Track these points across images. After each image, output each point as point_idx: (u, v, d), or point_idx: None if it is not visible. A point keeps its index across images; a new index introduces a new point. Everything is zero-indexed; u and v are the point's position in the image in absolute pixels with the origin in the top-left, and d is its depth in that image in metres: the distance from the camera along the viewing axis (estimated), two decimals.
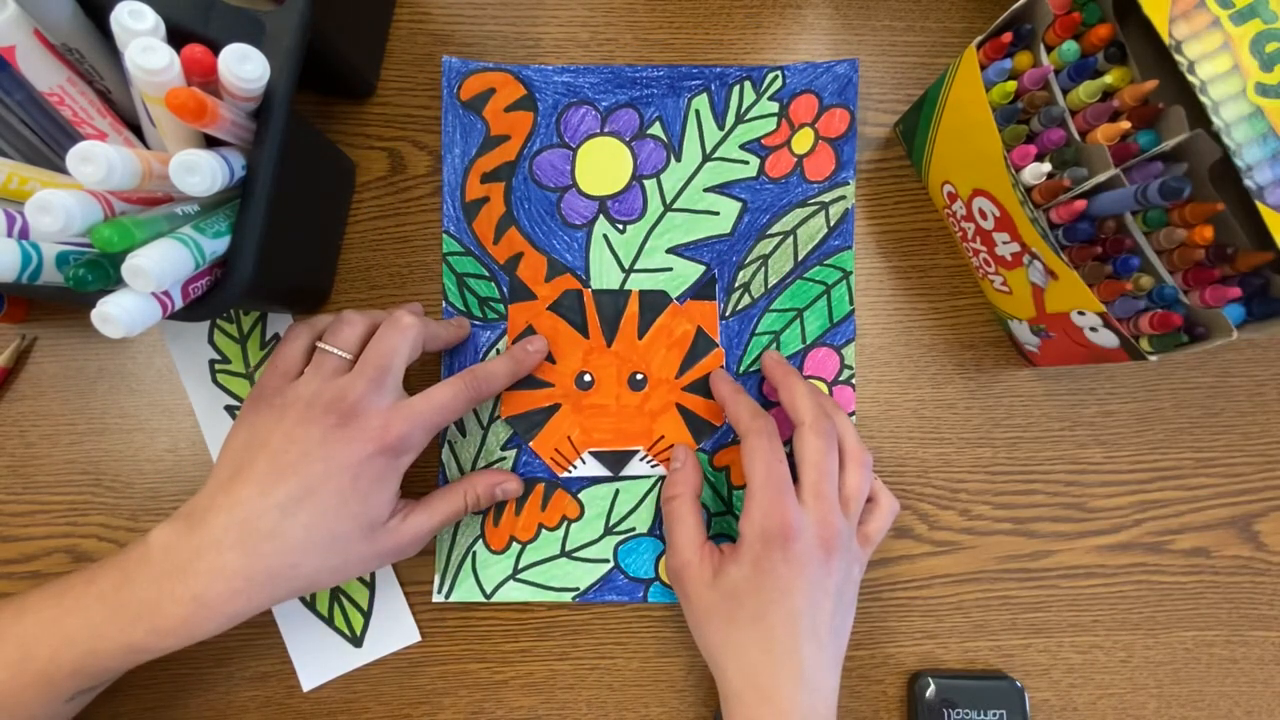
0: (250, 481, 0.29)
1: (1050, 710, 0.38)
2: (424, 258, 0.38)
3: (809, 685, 0.30)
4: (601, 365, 0.38)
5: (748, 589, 0.31)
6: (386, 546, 0.31)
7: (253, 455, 0.30)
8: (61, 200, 0.23)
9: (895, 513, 0.35)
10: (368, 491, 0.30)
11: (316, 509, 0.29)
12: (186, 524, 0.29)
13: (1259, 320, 0.28)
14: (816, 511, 0.32)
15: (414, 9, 0.39)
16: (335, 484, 0.29)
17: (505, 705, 0.37)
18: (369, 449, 0.30)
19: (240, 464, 0.30)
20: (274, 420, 0.30)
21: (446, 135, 0.38)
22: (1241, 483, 0.39)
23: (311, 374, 0.32)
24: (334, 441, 0.30)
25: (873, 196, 0.39)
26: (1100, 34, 0.29)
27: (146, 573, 0.28)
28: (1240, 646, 0.39)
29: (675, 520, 0.35)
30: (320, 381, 0.31)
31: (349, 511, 0.30)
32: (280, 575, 0.29)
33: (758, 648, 0.31)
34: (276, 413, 0.31)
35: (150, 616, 0.28)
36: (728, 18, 0.39)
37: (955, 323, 0.39)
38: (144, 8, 0.25)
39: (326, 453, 0.29)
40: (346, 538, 0.30)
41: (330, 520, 0.29)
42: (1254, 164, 0.25)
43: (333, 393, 0.30)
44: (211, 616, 0.29)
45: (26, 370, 0.38)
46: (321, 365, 0.32)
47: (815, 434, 0.33)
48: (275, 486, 0.29)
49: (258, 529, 0.29)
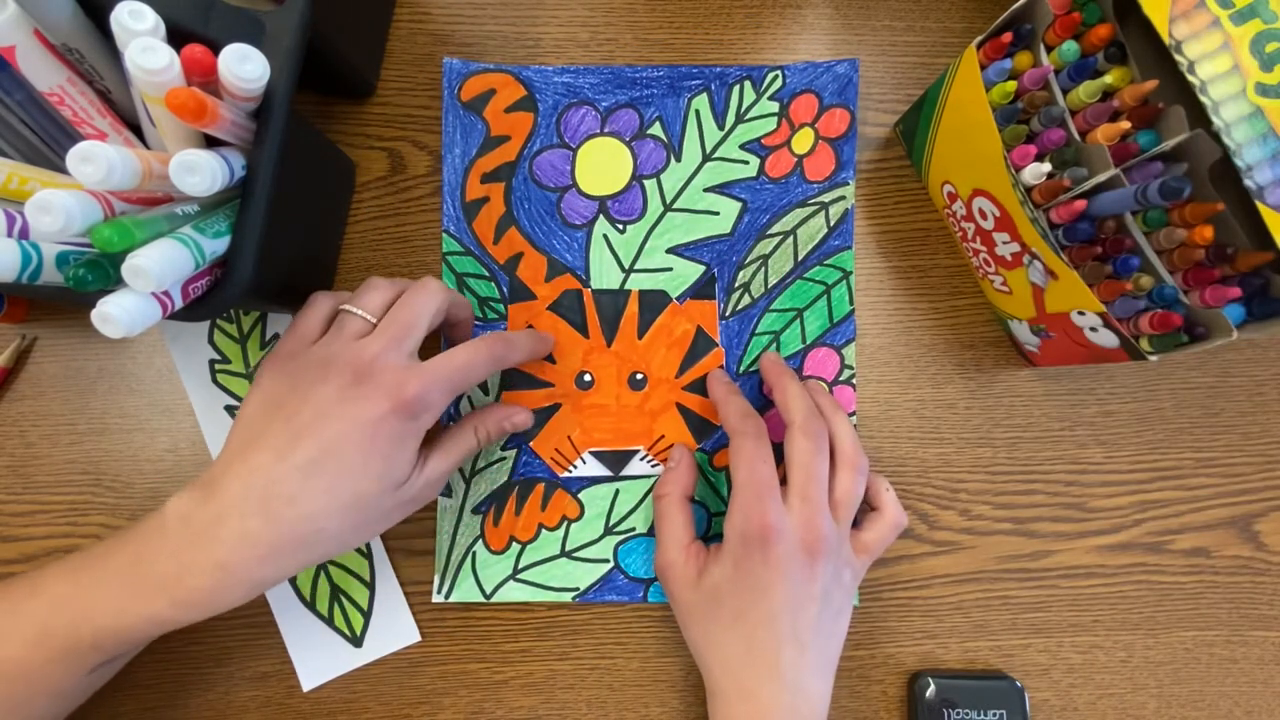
0: (267, 446, 0.28)
1: (1050, 710, 0.38)
2: (424, 258, 0.38)
3: (790, 686, 0.30)
4: (601, 365, 0.38)
5: (728, 589, 0.31)
6: (408, 496, 0.31)
7: (268, 419, 0.29)
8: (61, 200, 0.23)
9: (900, 527, 0.35)
10: (388, 451, 0.29)
11: (338, 470, 0.28)
12: (203, 492, 0.28)
13: (1259, 320, 0.28)
14: (801, 514, 0.32)
15: (414, 9, 0.39)
16: (354, 443, 0.28)
17: (505, 705, 0.37)
18: (384, 406, 0.29)
19: (256, 429, 0.29)
20: (290, 383, 0.30)
21: (447, 135, 0.38)
22: (1241, 483, 0.39)
23: (332, 335, 0.31)
24: (350, 400, 0.29)
25: (873, 196, 0.39)
26: (1100, 34, 0.29)
27: (165, 543, 0.28)
28: (1240, 646, 0.39)
29: (663, 519, 0.35)
30: (339, 343, 0.30)
31: (371, 472, 0.29)
32: (306, 540, 0.28)
33: (738, 647, 0.31)
34: (291, 375, 0.30)
35: (172, 588, 0.27)
36: (728, 18, 0.39)
37: (955, 323, 0.39)
38: (144, 8, 0.25)
39: (342, 411, 0.28)
40: (369, 496, 0.29)
41: (353, 481, 0.29)
42: (1254, 164, 0.25)
43: (351, 352, 0.30)
44: (236, 585, 0.28)
45: (26, 370, 0.38)
46: (342, 327, 0.31)
47: (803, 435, 0.33)
48: (293, 449, 0.28)
49: (279, 494, 0.28)
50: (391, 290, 0.32)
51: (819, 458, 0.33)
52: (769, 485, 0.32)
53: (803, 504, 0.32)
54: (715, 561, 0.32)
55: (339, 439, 0.28)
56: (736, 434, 0.33)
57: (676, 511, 0.35)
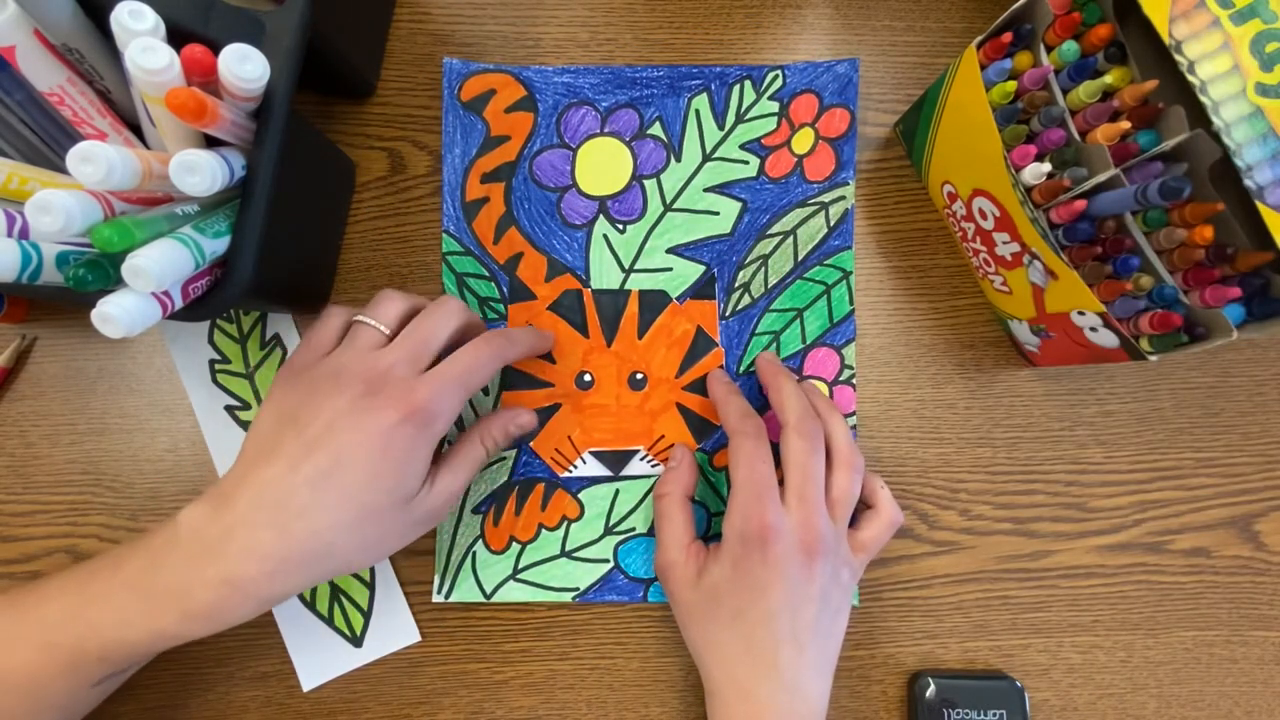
0: (279, 458, 0.28)
1: (1050, 710, 0.38)
2: (424, 258, 0.38)
3: (788, 686, 0.30)
4: (601, 365, 0.38)
5: (727, 589, 0.32)
6: (420, 515, 0.30)
7: (281, 430, 0.29)
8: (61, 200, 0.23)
9: (896, 525, 0.35)
10: (399, 462, 0.28)
11: (348, 483, 0.28)
12: (215, 504, 0.28)
13: (1259, 320, 0.28)
14: (799, 514, 0.32)
15: (414, 9, 0.39)
16: (365, 455, 0.28)
17: (505, 705, 0.37)
18: (395, 415, 0.28)
19: (269, 441, 0.29)
20: (303, 394, 0.29)
21: (447, 135, 0.38)
22: (1241, 483, 0.39)
23: (345, 346, 0.31)
24: (361, 410, 0.28)
25: (873, 196, 0.39)
26: (1100, 34, 0.29)
27: (175, 556, 0.27)
28: (1240, 646, 0.39)
29: (663, 518, 0.35)
30: (353, 354, 0.30)
31: (383, 485, 0.28)
32: (317, 556, 0.28)
33: (737, 647, 0.31)
34: (306, 386, 0.29)
35: (180, 601, 0.27)
36: (728, 18, 0.39)
37: (955, 323, 0.39)
38: (144, 8, 0.25)
39: (354, 422, 0.28)
40: (381, 511, 0.29)
41: (364, 494, 0.28)
42: (1254, 164, 0.25)
43: (365, 364, 0.29)
44: (243, 600, 0.27)
45: (26, 370, 0.38)
46: (356, 338, 0.31)
47: (799, 435, 0.33)
48: (304, 461, 0.28)
49: (289, 507, 0.27)
50: (405, 303, 0.32)
51: (815, 457, 0.33)
52: (768, 485, 0.32)
53: (800, 504, 0.32)
54: (714, 561, 0.32)
55: (351, 450, 0.28)
56: (736, 434, 0.34)
57: (677, 511, 0.35)
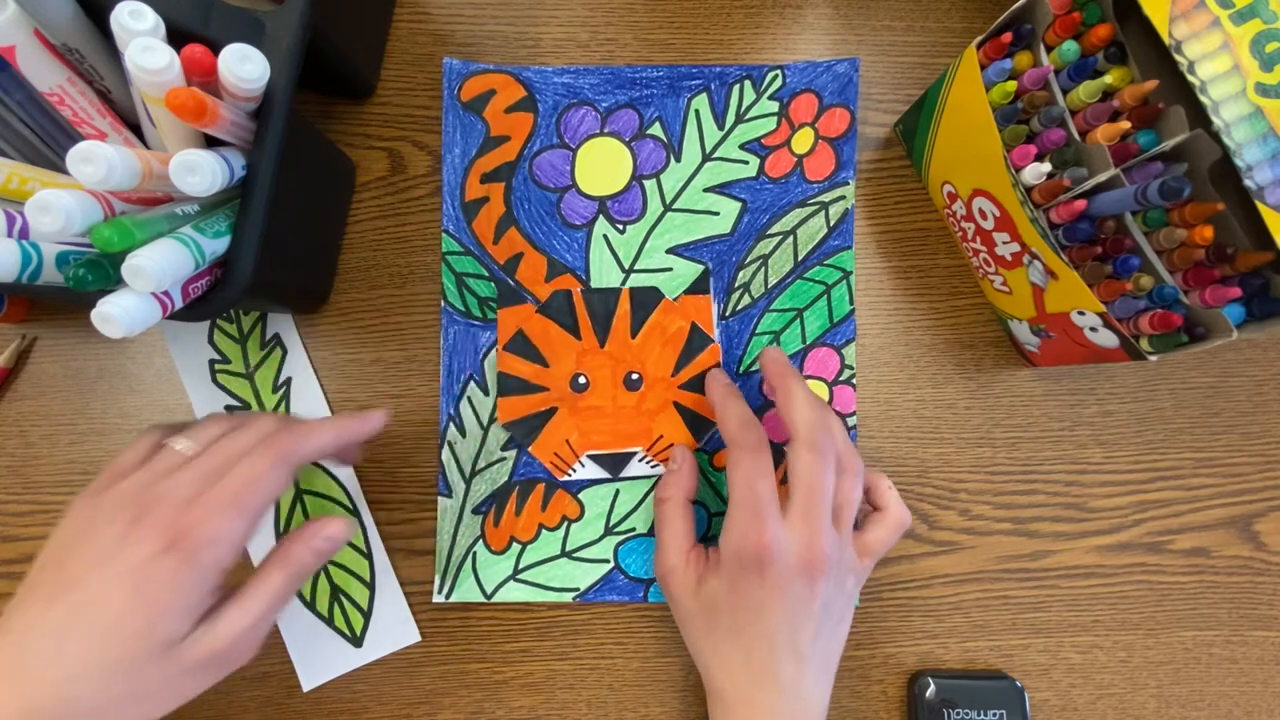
0: (40, 596, 0.25)
1: (1050, 710, 0.38)
2: (424, 258, 0.38)
3: (788, 693, 0.30)
4: (595, 366, 0.38)
5: (725, 605, 0.31)
6: (193, 662, 0.26)
7: (53, 562, 0.26)
8: (61, 200, 0.23)
9: (904, 526, 0.34)
10: (153, 601, 0.25)
11: (91, 628, 0.25)
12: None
13: (1259, 320, 0.28)
14: (803, 534, 0.30)
15: (414, 9, 0.39)
16: (114, 595, 0.25)
17: (505, 705, 0.37)
18: (152, 547, 0.25)
19: (36, 574, 0.26)
20: (83, 523, 0.27)
21: (447, 136, 0.38)
22: (1241, 483, 0.39)
23: (142, 470, 0.28)
24: (125, 541, 0.25)
25: (873, 196, 0.39)
26: (1100, 34, 0.29)
27: None
28: (1240, 646, 0.39)
29: (664, 523, 0.34)
30: (140, 477, 0.27)
31: (129, 629, 0.25)
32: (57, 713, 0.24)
33: (736, 658, 0.31)
34: (88, 514, 0.27)
35: None
36: (728, 18, 0.39)
37: (955, 323, 0.39)
38: (144, 8, 0.25)
39: (114, 556, 0.25)
40: (134, 662, 0.25)
41: (108, 642, 0.25)
42: (1254, 164, 0.25)
43: (146, 489, 0.26)
44: None
45: (26, 370, 0.38)
46: (155, 461, 0.28)
47: (810, 449, 0.31)
48: (57, 601, 0.25)
49: (33, 655, 0.24)
50: (228, 425, 0.30)
51: (825, 474, 0.31)
52: (767, 503, 0.31)
53: (805, 523, 0.30)
54: (713, 574, 0.32)
55: (103, 589, 0.25)
56: (735, 445, 0.32)
57: (678, 516, 0.34)
